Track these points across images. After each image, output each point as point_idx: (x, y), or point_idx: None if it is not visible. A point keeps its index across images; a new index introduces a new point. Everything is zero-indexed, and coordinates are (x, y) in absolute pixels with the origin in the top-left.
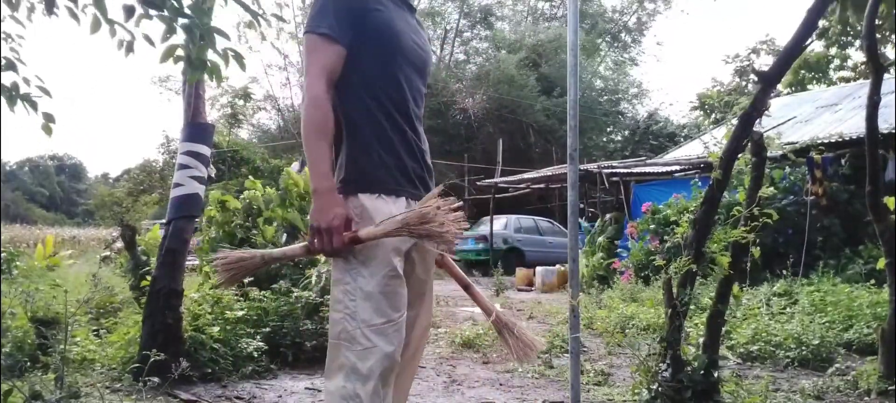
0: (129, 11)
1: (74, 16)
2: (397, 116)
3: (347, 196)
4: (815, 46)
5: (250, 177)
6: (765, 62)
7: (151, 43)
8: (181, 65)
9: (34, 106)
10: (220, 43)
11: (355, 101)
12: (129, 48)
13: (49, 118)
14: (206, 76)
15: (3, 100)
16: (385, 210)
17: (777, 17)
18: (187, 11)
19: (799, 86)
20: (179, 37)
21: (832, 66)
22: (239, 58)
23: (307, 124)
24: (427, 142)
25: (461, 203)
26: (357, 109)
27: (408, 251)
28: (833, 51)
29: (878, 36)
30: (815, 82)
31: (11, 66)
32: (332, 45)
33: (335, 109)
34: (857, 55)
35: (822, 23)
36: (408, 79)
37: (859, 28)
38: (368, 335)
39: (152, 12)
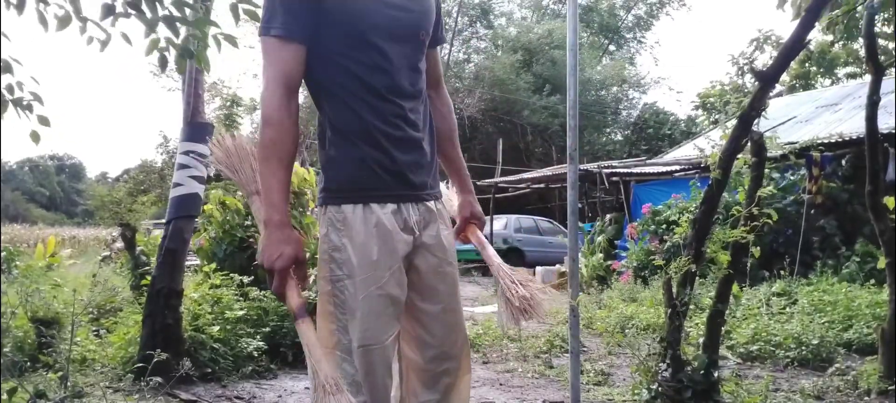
0: (109, 10)
1: (43, 21)
2: (380, 104)
3: (327, 205)
4: (826, 44)
5: None
6: (766, 59)
7: (129, 41)
8: (171, 59)
9: (29, 109)
10: (211, 31)
11: (329, 96)
12: (105, 45)
13: (44, 121)
14: (205, 70)
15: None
16: (372, 220)
17: (775, 14)
18: (169, 8)
19: (804, 79)
20: (162, 31)
21: (840, 62)
22: (231, 39)
23: (260, 145)
24: (430, 116)
25: None
26: (333, 104)
27: (411, 259)
28: (837, 47)
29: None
30: (820, 77)
31: (8, 69)
32: (288, 46)
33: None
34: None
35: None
36: (387, 56)
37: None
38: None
39: (131, 12)
